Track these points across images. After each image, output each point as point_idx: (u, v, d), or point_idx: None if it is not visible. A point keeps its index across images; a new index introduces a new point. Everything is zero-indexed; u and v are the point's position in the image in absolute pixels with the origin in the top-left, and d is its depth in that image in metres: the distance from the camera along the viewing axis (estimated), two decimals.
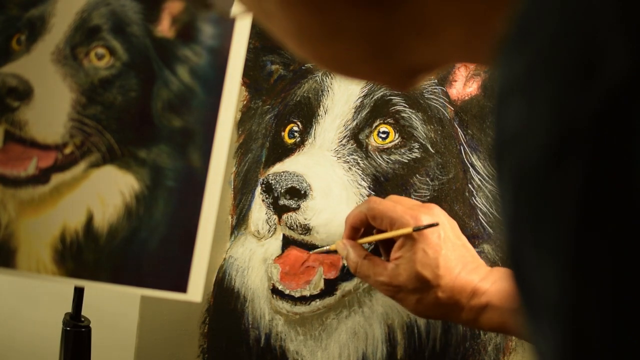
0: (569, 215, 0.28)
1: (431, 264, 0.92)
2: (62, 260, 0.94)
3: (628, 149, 0.26)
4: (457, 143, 1.14)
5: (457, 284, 0.92)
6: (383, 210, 0.97)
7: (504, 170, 0.30)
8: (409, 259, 0.93)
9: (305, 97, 1.20)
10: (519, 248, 0.30)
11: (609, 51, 0.27)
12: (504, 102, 0.31)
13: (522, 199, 0.29)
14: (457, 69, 1.15)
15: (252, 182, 1.21)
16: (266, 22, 0.44)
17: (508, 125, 0.30)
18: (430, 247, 0.93)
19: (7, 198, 0.94)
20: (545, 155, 0.28)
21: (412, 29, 0.40)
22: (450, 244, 0.94)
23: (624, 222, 0.27)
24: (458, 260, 0.93)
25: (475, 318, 0.93)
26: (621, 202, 0.27)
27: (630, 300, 0.27)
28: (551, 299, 0.29)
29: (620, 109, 0.27)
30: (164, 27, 0.96)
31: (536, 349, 0.31)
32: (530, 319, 0.30)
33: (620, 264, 0.27)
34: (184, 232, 0.94)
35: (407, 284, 0.93)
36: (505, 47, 0.31)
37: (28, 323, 1.40)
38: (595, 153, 0.27)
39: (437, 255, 0.92)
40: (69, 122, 0.94)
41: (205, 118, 0.94)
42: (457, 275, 0.93)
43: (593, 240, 0.27)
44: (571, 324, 0.28)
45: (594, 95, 0.27)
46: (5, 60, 0.94)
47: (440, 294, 0.92)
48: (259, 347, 1.19)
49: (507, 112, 0.30)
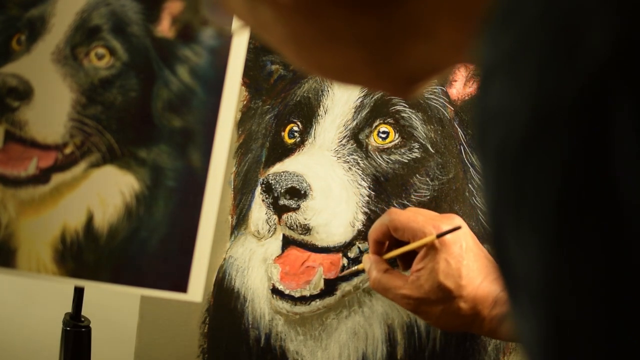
0: (550, 193, 0.28)
1: (454, 274, 0.91)
2: (62, 260, 0.94)
3: (609, 128, 0.27)
4: (457, 143, 1.14)
5: (479, 294, 0.91)
6: (404, 221, 0.96)
7: (487, 149, 0.30)
8: (431, 269, 0.92)
9: (305, 97, 1.20)
10: (501, 228, 0.30)
11: (591, 32, 0.27)
12: (488, 80, 0.31)
13: (504, 177, 0.30)
14: (457, 69, 1.15)
15: (252, 182, 1.21)
16: (262, 33, 0.44)
17: (491, 103, 0.30)
18: (453, 257, 0.92)
19: (7, 198, 0.94)
20: (528, 133, 0.28)
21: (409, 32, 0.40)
22: (472, 254, 0.93)
23: (604, 200, 0.27)
24: (480, 270, 0.92)
25: (497, 328, 0.92)
26: (601, 180, 0.27)
27: (609, 279, 0.27)
28: (532, 278, 0.29)
29: (602, 89, 0.27)
30: (164, 27, 0.96)
31: (518, 331, 0.31)
32: (512, 300, 0.31)
33: (600, 242, 0.27)
34: (184, 232, 0.94)
35: (429, 295, 0.92)
36: (489, 26, 0.31)
37: (28, 323, 1.40)
38: (577, 131, 0.27)
39: (459, 265, 0.91)
40: (69, 122, 0.94)
41: (205, 118, 0.94)
42: (479, 285, 0.92)
43: (573, 219, 0.27)
44: (552, 302, 0.28)
45: (576, 75, 0.27)
46: (5, 60, 0.94)
47: (463, 305, 0.91)
48: (259, 347, 1.19)
49: (491, 91, 0.30)
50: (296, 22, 0.41)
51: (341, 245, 1.14)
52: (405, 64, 0.42)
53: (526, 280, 0.29)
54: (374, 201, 1.14)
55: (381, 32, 0.40)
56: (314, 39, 0.41)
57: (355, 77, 0.45)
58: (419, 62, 0.42)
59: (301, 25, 0.41)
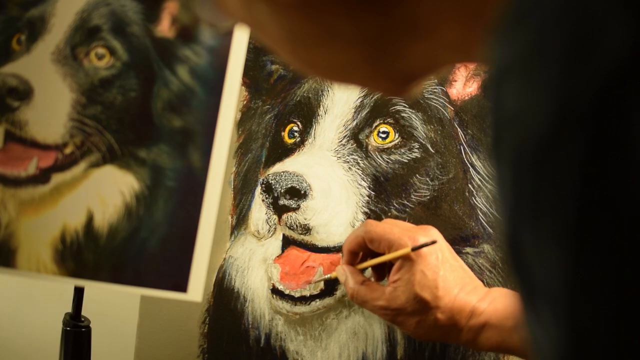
0: (570, 195, 0.27)
1: (430, 285, 0.92)
2: (62, 260, 0.94)
3: (628, 129, 0.26)
4: (457, 143, 1.14)
5: (456, 305, 0.92)
6: (380, 232, 0.97)
7: (503, 152, 0.30)
8: (407, 281, 0.93)
9: (305, 97, 1.20)
10: (518, 232, 0.29)
11: (609, 30, 0.27)
12: (502, 81, 0.30)
13: (522, 180, 0.29)
14: (457, 69, 1.15)
15: (252, 182, 1.21)
16: (258, 31, 0.43)
17: (507, 105, 0.30)
18: (429, 268, 0.93)
19: (7, 198, 0.94)
20: (546, 135, 0.28)
21: (408, 30, 0.39)
22: (448, 265, 0.94)
23: (625, 201, 0.26)
24: (456, 281, 0.93)
25: (474, 338, 0.93)
26: (622, 182, 0.26)
27: (635, 285, 0.26)
28: (552, 284, 0.28)
29: (621, 89, 0.27)
30: (164, 27, 0.96)
31: (533, 340, 0.30)
32: (528, 307, 0.30)
33: (623, 245, 0.26)
34: (184, 232, 0.94)
35: (406, 306, 0.93)
36: (503, 26, 0.30)
37: (28, 323, 1.40)
38: (596, 132, 0.27)
39: (435, 276, 0.92)
40: (69, 122, 0.94)
41: (205, 118, 0.94)
42: (455, 296, 0.92)
43: (595, 222, 0.27)
44: (573, 309, 0.28)
45: (594, 75, 0.27)
46: (5, 60, 0.94)
47: (440, 315, 0.92)
48: (259, 347, 1.19)
49: (505, 92, 0.30)
50: (294, 19, 0.40)
51: (341, 245, 1.14)
52: (404, 61, 0.41)
53: (546, 286, 0.29)
54: (374, 201, 1.14)
55: (379, 31, 0.39)
56: (311, 36, 0.40)
57: (352, 76, 0.44)
58: (418, 60, 0.41)
59: (299, 23, 0.40)
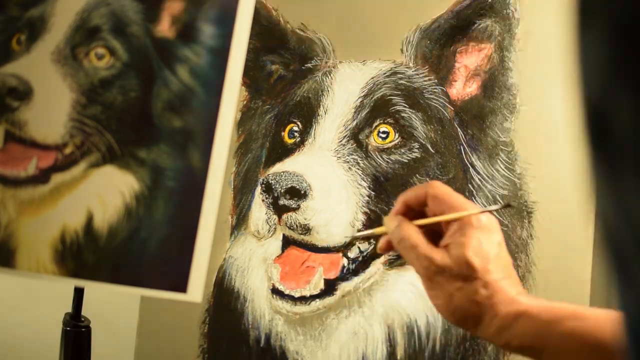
0: None
1: (484, 255, 0.85)
2: (62, 260, 0.94)
3: None
4: (457, 143, 1.14)
5: (499, 287, 0.85)
6: (447, 192, 0.88)
7: (593, 29, 0.31)
8: (461, 243, 0.86)
9: (305, 97, 1.20)
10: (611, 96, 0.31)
11: None
12: None
13: (621, 48, 0.31)
14: (457, 69, 1.15)
15: (252, 182, 1.21)
16: None
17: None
18: (487, 240, 0.86)
19: (7, 198, 0.94)
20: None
21: None
22: (504, 253, 0.88)
23: None
24: (505, 269, 0.87)
25: (508, 326, 0.84)
26: None
27: None
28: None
29: None
30: (164, 27, 0.96)
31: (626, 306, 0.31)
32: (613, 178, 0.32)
33: None
34: (184, 232, 0.94)
35: (452, 266, 0.85)
36: None
37: (28, 323, 1.40)
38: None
39: (490, 250, 0.85)
40: (69, 122, 0.94)
41: (205, 118, 0.94)
42: (500, 280, 0.86)
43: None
44: None
45: None
46: (5, 60, 0.94)
47: (482, 290, 0.84)
48: (259, 347, 1.19)
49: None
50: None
51: (341, 245, 1.14)
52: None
53: None
54: (374, 201, 1.15)
55: None
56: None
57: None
58: None
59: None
